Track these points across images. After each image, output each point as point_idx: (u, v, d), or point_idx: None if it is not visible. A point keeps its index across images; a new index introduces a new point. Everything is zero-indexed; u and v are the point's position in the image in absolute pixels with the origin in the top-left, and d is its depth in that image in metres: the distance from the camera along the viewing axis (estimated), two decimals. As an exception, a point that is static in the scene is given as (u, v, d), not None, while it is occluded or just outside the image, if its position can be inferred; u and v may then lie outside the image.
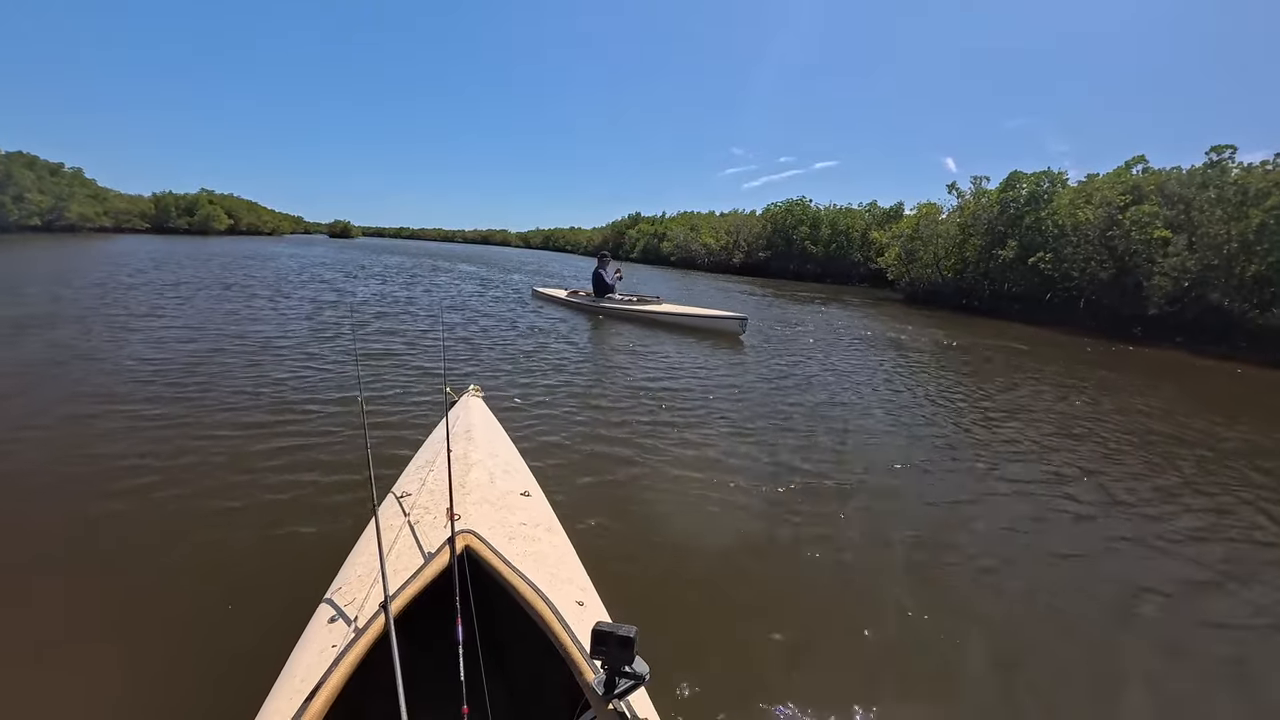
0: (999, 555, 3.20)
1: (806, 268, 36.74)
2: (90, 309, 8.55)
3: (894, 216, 36.36)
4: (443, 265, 25.75)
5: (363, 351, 6.79)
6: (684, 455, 4.27)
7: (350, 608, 1.50)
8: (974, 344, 11.52)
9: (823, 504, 3.65)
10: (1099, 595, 2.88)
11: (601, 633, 1.15)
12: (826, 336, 11.11)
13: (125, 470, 3.43)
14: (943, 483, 4.16)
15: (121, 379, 5.16)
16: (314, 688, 1.22)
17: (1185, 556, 3.31)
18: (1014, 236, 18.88)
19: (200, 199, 55.67)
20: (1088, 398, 7.17)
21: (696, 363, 7.59)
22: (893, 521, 3.51)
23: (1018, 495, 4.04)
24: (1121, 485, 4.30)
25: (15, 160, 36.89)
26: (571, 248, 71.14)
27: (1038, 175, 19.32)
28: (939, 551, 3.20)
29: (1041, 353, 11.00)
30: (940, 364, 9.04)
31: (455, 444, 2.43)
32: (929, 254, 22.16)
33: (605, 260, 12.17)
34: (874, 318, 15.62)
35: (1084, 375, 8.76)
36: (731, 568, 2.89)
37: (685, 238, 44.73)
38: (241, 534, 2.85)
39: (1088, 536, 3.49)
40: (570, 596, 1.61)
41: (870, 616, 2.57)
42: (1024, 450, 4.97)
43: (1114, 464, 4.76)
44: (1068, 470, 4.54)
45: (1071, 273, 16.69)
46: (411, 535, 1.81)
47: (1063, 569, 3.12)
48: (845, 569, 2.96)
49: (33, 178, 36.69)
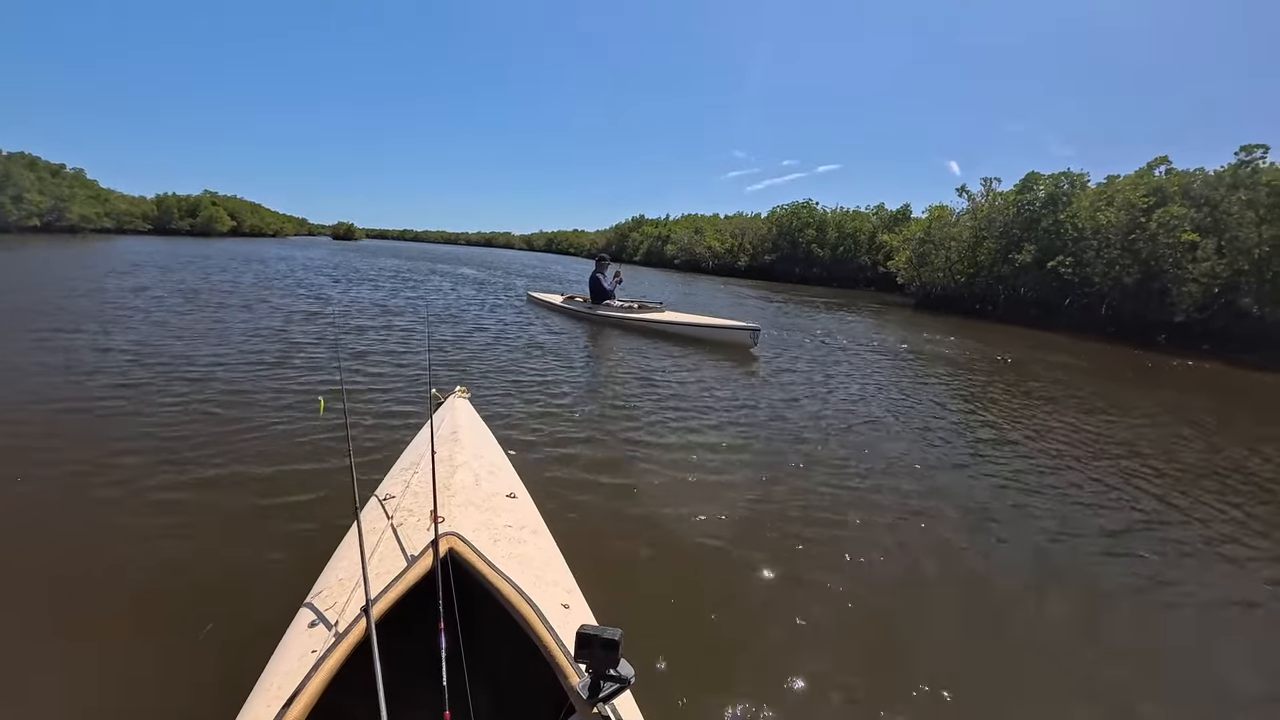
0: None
1: (813, 271, 36.09)
2: (34, 312, 7.92)
3: (902, 219, 35.77)
4: (440, 269, 25.16)
5: (346, 353, 6.63)
6: (677, 462, 4.09)
7: (331, 612, 1.48)
8: (1027, 358, 10.42)
9: (824, 523, 3.39)
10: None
11: (586, 635, 1.14)
12: (847, 345, 10.26)
13: (97, 469, 3.33)
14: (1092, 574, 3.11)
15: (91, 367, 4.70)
16: (292, 694, 1.19)
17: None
18: (1031, 240, 18.20)
19: (203, 200, 55.33)
20: (1197, 432, 5.95)
21: (699, 374, 6.93)
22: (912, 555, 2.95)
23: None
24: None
25: (16, 161, 36.60)
26: (574, 250, 70.63)
27: (1056, 176, 18.64)
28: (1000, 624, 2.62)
29: (1091, 366, 10.24)
30: (996, 382, 7.94)
31: (440, 446, 2.39)
32: (941, 258, 21.48)
33: (604, 263, 11.15)
34: (890, 324, 14.97)
35: (1163, 400, 7.70)
36: (720, 573, 2.82)
37: (690, 240, 44.14)
38: (219, 538, 2.76)
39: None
40: (555, 599, 1.59)
41: (867, 624, 2.51)
42: (1178, 510, 3.89)
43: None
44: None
45: (1093, 277, 16.00)
46: (394, 538, 1.78)
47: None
48: (847, 586, 2.80)
49: (33, 178, 36.35)
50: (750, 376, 7.15)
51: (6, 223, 33.42)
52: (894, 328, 14.17)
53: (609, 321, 10.42)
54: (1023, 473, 4.40)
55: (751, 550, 3.00)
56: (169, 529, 2.80)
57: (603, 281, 10.86)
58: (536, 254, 71.49)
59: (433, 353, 6.87)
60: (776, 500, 3.60)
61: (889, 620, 2.56)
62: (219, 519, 2.91)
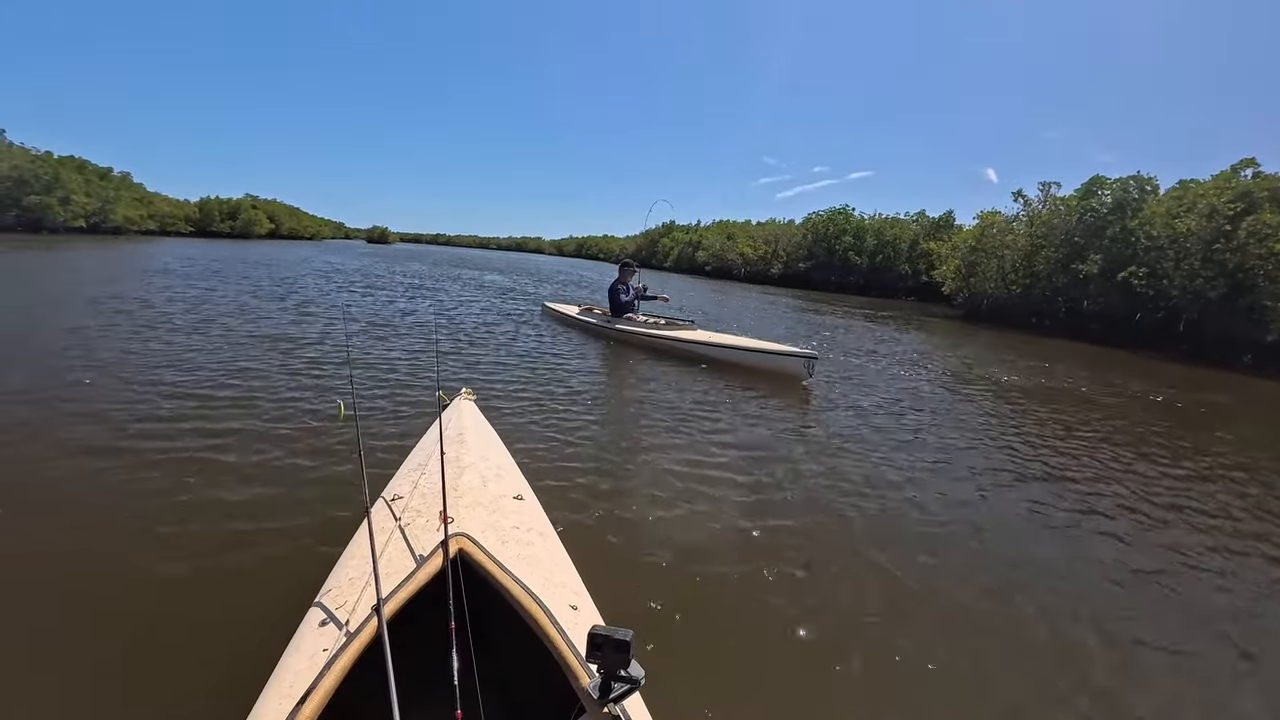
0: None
1: (850, 280, 34.74)
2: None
3: (944, 226, 34.19)
4: (464, 275, 24.68)
5: (355, 359, 6.54)
6: (686, 470, 3.91)
7: (341, 611, 1.48)
8: (1191, 398, 8.37)
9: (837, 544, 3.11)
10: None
11: (597, 636, 1.14)
12: (908, 368, 8.63)
13: (109, 471, 3.29)
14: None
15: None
16: (305, 692, 1.19)
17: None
18: (1095, 248, 16.75)
19: (243, 204, 56.74)
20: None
21: (735, 409, 5.59)
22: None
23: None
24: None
25: (66, 164, 37.83)
26: (604, 256, 70.22)
27: (1124, 180, 17.17)
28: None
29: (1235, 402, 8.67)
30: (1154, 437, 5.81)
31: (448, 447, 2.38)
32: (992, 267, 20.09)
33: (629, 271, 9.35)
34: (947, 340, 13.76)
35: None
36: (731, 575, 2.73)
37: (721, 247, 43.16)
38: (230, 537, 2.72)
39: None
40: (564, 600, 1.57)
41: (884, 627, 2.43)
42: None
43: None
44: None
45: (1170, 291, 14.51)
46: (403, 538, 1.76)
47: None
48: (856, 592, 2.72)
49: (80, 181, 37.51)
50: (800, 414, 5.70)
51: (55, 224, 34.47)
52: (955, 344, 12.97)
53: (631, 339, 8.74)
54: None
55: (766, 562, 2.84)
56: (178, 527, 2.76)
57: (621, 293, 9.16)
58: (567, 259, 71.21)
59: (439, 356, 6.71)
60: (792, 535, 3.17)
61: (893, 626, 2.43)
62: (227, 518, 2.87)
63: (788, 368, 7.07)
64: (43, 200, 33.96)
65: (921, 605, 2.63)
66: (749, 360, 7.47)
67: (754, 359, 7.44)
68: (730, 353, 7.64)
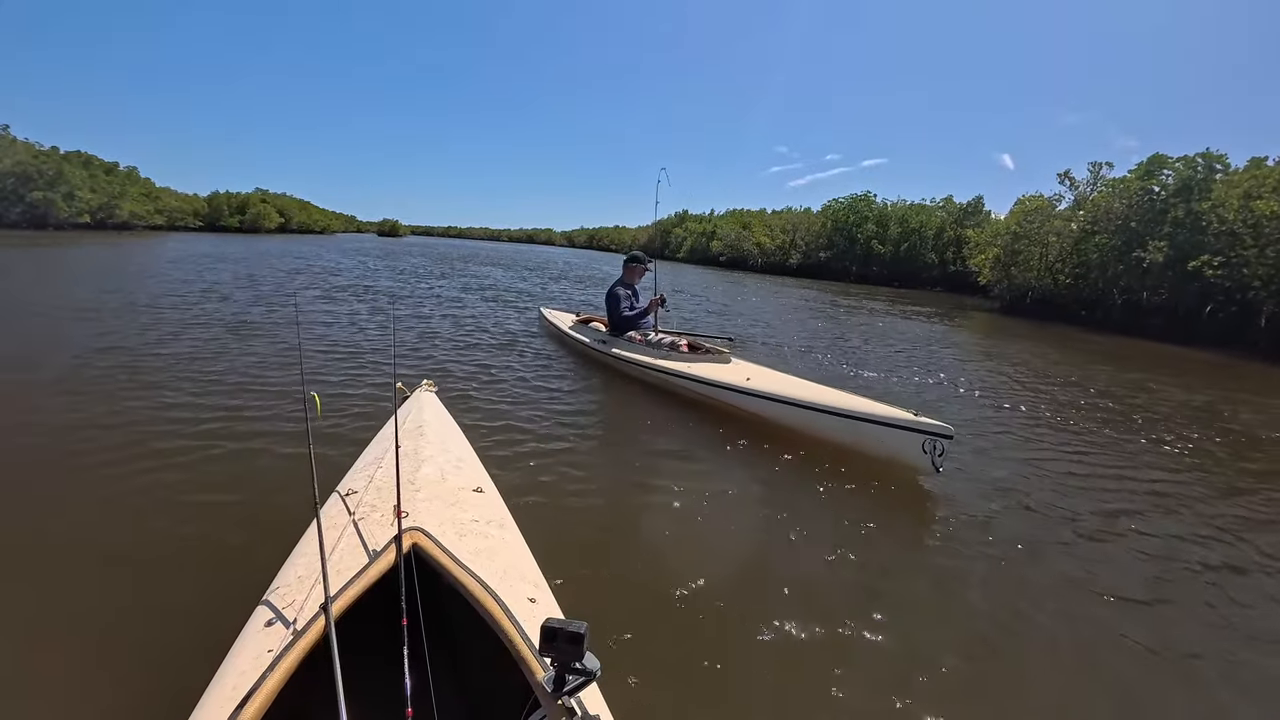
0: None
1: (872, 270, 33.17)
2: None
3: (973, 213, 32.40)
4: (458, 268, 23.51)
5: (308, 338, 6.40)
6: (649, 463, 3.75)
7: (289, 610, 1.43)
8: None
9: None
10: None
11: (551, 629, 1.09)
12: (1029, 408, 5.72)
13: (41, 462, 3.18)
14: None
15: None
16: (247, 693, 1.15)
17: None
18: (1158, 235, 15.12)
19: (252, 198, 56.21)
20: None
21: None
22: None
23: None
24: None
25: (71, 159, 37.37)
26: (615, 247, 68.86)
27: (1189, 159, 15.48)
28: None
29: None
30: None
31: (406, 440, 2.33)
32: (1036, 255, 18.48)
33: (636, 270, 6.36)
34: (1005, 339, 12.33)
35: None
36: (692, 566, 2.55)
37: (736, 236, 41.65)
38: (172, 532, 2.60)
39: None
40: (522, 594, 1.54)
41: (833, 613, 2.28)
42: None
43: None
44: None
45: (1251, 282, 12.89)
46: (356, 534, 1.72)
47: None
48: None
49: (85, 176, 36.99)
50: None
51: (59, 219, 34.01)
52: (1037, 350, 11.53)
53: (632, 372, 5.90)
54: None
55: (730, 551, 2.75)
56: (116, 522, 2.65)
57: (622, 301, 6.23)
58: (578, 250, 69.93)
59: (397, 347, 6.40)
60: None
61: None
62: (170, 513, 2.75)
63: (902, 451, 3.80)
64: (46, 196, 33.50)
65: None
66: (836, 431, 4.18)
67: (845, 428, 4.12)
68: (804, 414, 4.34)
